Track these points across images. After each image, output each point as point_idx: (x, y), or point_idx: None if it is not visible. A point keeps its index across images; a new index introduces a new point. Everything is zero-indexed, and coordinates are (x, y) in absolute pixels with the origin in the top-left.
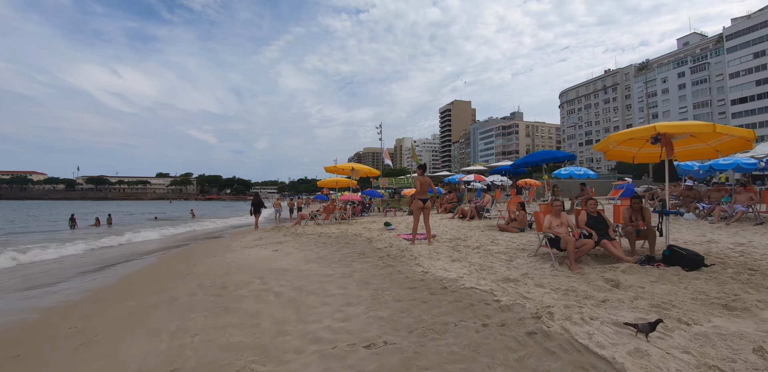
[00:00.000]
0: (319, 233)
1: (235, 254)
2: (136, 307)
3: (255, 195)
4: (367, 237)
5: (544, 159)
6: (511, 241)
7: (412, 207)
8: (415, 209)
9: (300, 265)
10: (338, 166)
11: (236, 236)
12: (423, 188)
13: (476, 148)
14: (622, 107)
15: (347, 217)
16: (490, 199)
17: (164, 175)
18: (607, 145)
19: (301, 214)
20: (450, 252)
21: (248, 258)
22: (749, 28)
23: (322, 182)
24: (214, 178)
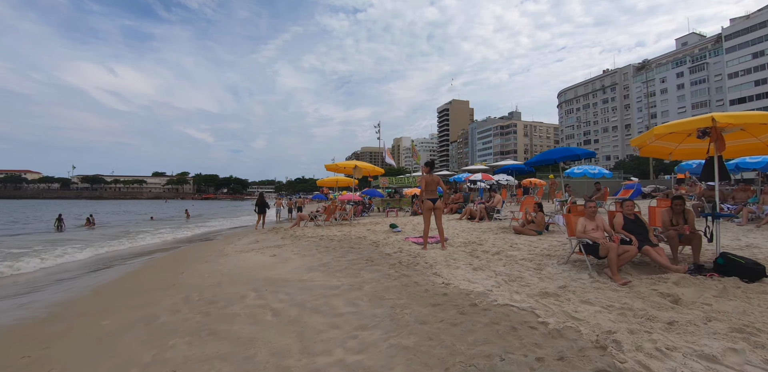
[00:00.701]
0: (320, 236)
1: (229, 260)
2: (108, 327)
3: (260, 195)
4: (372, 240)
5: (563, 156)
6: (532, 246)
7: (422, 208)
8: (424, 210)
9: (301, 273)
10: (340, 164)
11: (231, 238)
12: (430, 187)
13: (474, 148)
14: (620, 107)
15: (349, 218)
16: (500, 199)
17: (160, 175)
18: (645, 140)
19: (300, 215)
20: (468, 258)
21: (243, 265)
22: (748, 29)
23: (322, 181)
24: (211, 177)
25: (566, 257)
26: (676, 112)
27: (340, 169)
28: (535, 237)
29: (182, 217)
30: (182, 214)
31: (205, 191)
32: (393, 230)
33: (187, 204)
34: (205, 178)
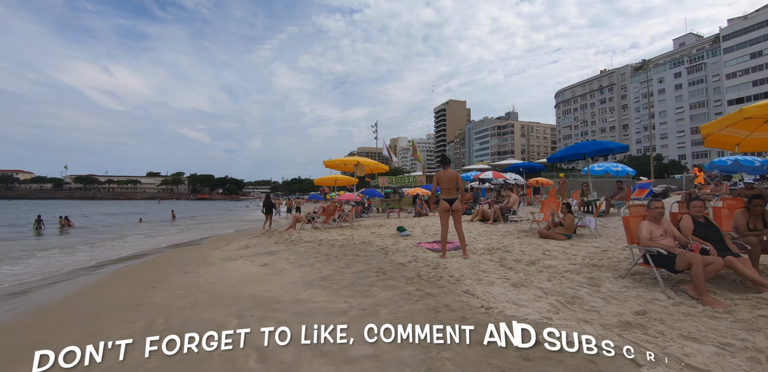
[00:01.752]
0: (319, 240)
1: (212, 270)
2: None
3: (266, 196)
4: (379, 246)
5: (594, 151)
6: (568, 253)
7: (434, 209)
8: (441, 212)
9: (298, 290)
10: (339, 161)
11: (219, 242)
12: (447, 185)
13: (471, 148)
14: (618, 107)
15: (349, 220)
16: (516, 199)
17: (155, 175)
18: (719, 126)
19: (296, 217)
20: (500, 270)
21: (228, 277)
22: (746, 29)
23: (320, 180)
24: (206, 177)
25: (626, 270)
26: (674, 113)
27: (340, 166)
28: (565, 242)
29: (194, 216)
30: (182, 213)
31: (200, 191)
32: (401, 234)
33: (180, 204)
34: (200, 179)
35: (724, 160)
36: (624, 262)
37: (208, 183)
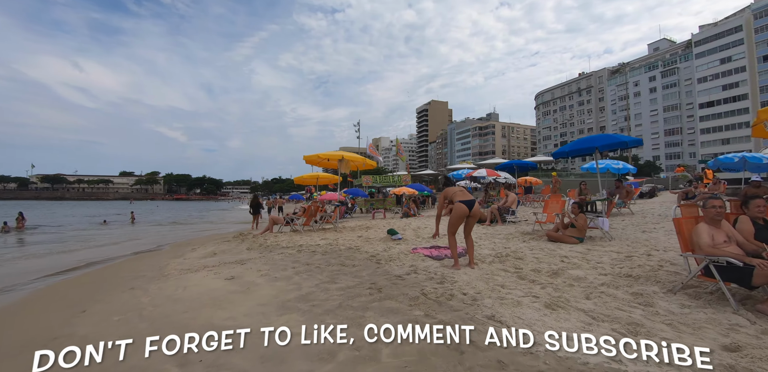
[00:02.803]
0: (299, 246)
1: (166, 285)
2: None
3: (254, 196)
4: (369, 252)
5: (607, 144)
6: (591, 261)
7: (453, 213)
8: (455, 217)
9: (269, 316)
10: (322, 155)
11: (183, 249)
12: (461, 193)
13: (453, 149)
14: (596, 109)
15: (333, 222)
16: (515, 198)
17: (128, 174)
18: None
19: (273, 218)
20: (521, 284)
21: (182, 296)
22: (716, 35)
23: (300, 178)
24: (183, 177)
25: (680, 283)
26: (649, 115)
27: (322, 162)
28: (579, 246)
29: (152, 219)
30: (148, 215)
31: (176, 191)
32: (393, 238)
33: (153, 205)
34: (176, 178)
35: (730, 157)
36: (660, 271)
37: (185, 183)
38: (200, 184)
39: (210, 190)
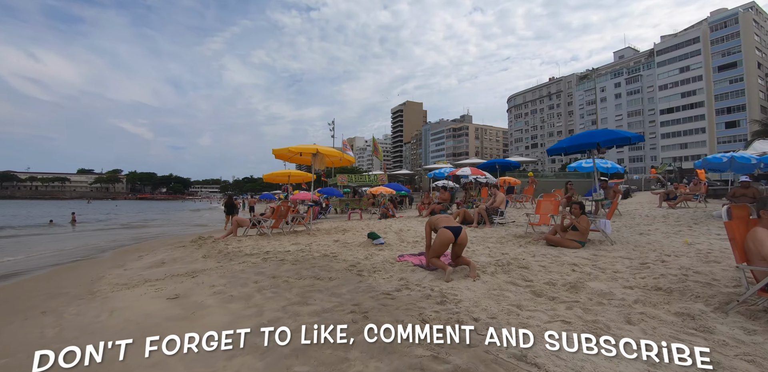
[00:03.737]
0: (265, 253)
1: (89, 308)
2: None
3: (228, 197)
4: (348, 261)
5: (609, 140)
6: (605, 269)
7: (437, 239)
8: (438, 244)
9: (215, 362)
10: (294, 149)
11: (127, 256)
12: (446, 218)
13: (428, 149)
14: (565, 113)
15: (306, 223)
16: (503, 198)
17: (87, 172)
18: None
19: (237, 220)
20: (539, 301)
21: (105, 323)
22: (676, 46)
23: (270, 176)
24: (148, 175)
25: (735, 301)
26: (614, 119)
27: (294, 157)
28: (582, 251)
29: (102, 219)
30: (102, 215)
31: (140, 191)
32: (374, 243)
33: (111, 205)
34: (140, 177)
35: (719, 157)
36: (689, 283)
37: (150, 182)
38: (166, 183)
39: (177, 190)
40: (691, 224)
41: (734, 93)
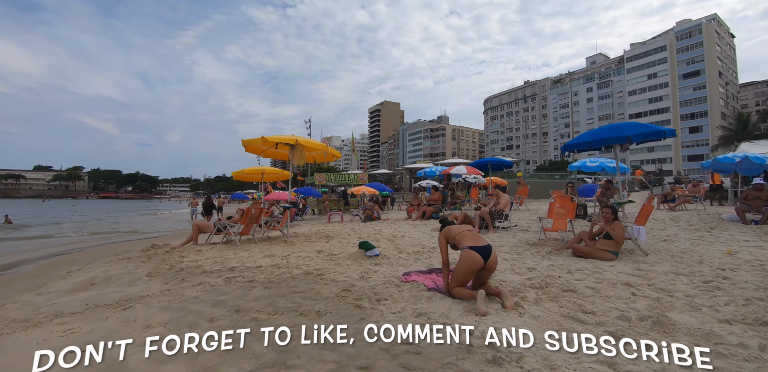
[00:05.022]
0: (230, 269)
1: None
2: None
3: (207, 197)
4: (338, 283)
5: (641, 133)
6: (676, 292)
7: (461, 264)
8: (464, 270)
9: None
10: (269, 140)
11: (54, 270)
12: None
13: (405, 149)
14: (539, 116)
15: (281, 228)
16: (508, 200)
17: (45, 169)
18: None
19: (197, 225)
20: (635, 357)
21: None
22: (644, 53)
23: (240, 173)
24: (112, 173)
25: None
26: (586, 123)
27: (269, 150)
28: (619, 264)
29: (56, 221)
30: (57, 216)
31: (104, 189)
32: (367, 254)
33: (70, 204)
34: (104, 174)
35: (730, 156)
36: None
37: (115, 179)
38: (132, 181)
39: (144, 188)
40: (708, 228)
41: (697, 100)
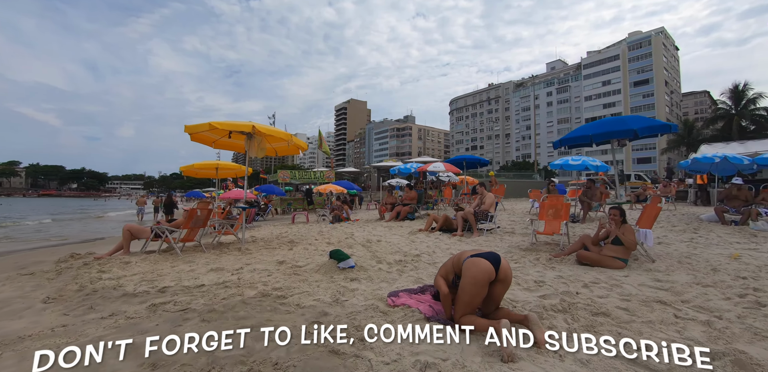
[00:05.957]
0: (159, 290)
1: None
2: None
3: (168, 195)
4: (305, 310)
5: (647, 127)
6: (713, 311)
7: (467, 278)
8: (473, 285)
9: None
10: (219, 126)
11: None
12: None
13: (371, 148)
14: (502, 118)
15: (236, 232)
16: (494, 200)
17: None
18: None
19: (129, 229)
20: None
21: None
22: (599, 61)
23: (189, 168)
24: (54, 168)
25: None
26: (546, 126)
27: (221, 140)
28: (633, 274)
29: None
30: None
31: (44, 186)
32: (340, 266)
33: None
34: (44, 170)
35: (710, 157)
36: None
37: (57, 176)
38: (77, 177)
39: (91, 186)
40: (692, 229)
41: (646, 106)
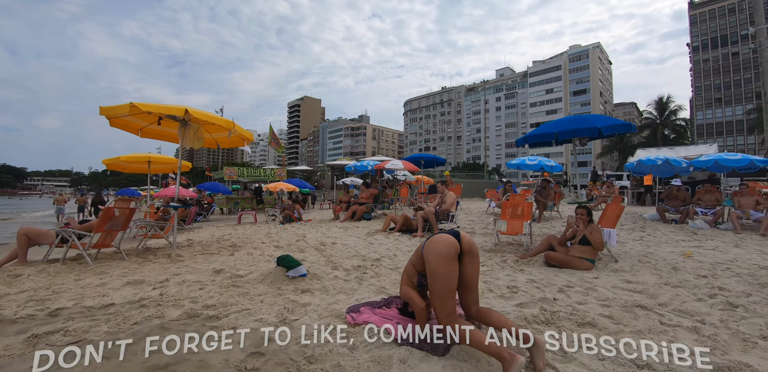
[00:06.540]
0: (51, 314)
1: None
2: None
3: (97, 193)
4: (244, 338)
5: (610, 126)
6: (696, 316)
7: (432, 255)
8: (440, 264)
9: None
10: (143, 107)
11: None
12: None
13: (325, 147)
14: (454, 120)
15: (166, 235)
16: (455, 199)
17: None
18: None
19: (26, 232)
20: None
21: None
22: (544, 70)
23: (114, 161)
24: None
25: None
26: (495, 129)
27: (148, 126)
28: (602, 275)
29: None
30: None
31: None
32: (289, 275)
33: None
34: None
35: (653, 159)
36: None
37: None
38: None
39: (6, 182)
40: (639, 228)
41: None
